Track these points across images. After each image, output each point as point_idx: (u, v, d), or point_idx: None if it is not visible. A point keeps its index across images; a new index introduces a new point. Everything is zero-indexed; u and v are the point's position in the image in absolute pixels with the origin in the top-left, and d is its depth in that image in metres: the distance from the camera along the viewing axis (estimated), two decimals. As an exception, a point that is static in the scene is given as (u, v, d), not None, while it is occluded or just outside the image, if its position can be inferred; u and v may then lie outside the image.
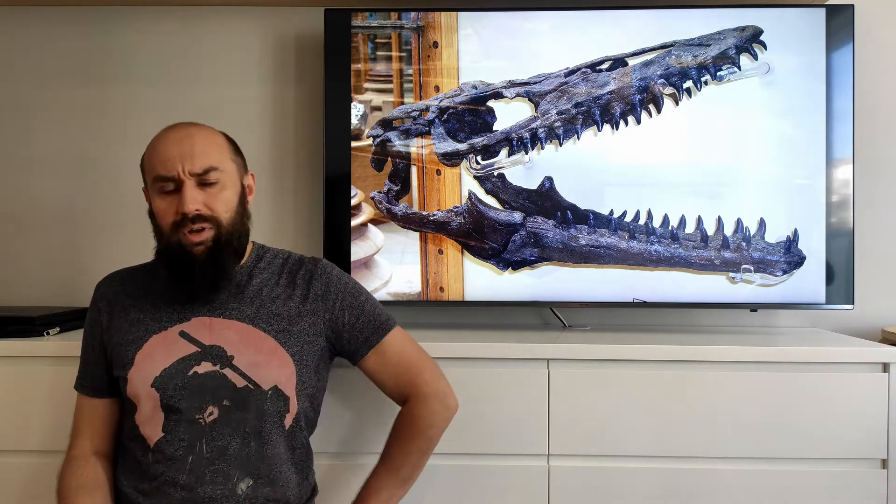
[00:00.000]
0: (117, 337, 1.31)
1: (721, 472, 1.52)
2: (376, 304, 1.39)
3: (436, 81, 1.81)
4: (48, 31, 2.00)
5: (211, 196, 1.26)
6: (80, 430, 1.35)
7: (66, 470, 1.30)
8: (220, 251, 1.26)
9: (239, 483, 1.26)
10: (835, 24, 1.76)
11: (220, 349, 1.28)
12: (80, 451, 1.32)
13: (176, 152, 1.25)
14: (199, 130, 1.30)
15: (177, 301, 1.31)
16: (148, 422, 1.26)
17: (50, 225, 2.00)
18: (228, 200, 1.28)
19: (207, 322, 1.29)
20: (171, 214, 1.25)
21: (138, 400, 1.27)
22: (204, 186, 1.26)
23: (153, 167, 1.27)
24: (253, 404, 1.27)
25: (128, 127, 1.99)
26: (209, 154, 1.26)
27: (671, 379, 1.52)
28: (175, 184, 1.25)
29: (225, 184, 1.28)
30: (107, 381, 1.34)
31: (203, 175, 1.25)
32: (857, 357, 1.52)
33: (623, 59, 1.78)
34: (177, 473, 1.24)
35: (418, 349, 1.40)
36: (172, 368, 1.27)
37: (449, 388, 1.38)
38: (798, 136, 1.76)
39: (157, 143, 1.28)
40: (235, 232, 1.29)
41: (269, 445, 1.28)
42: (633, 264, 1.79)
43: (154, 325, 1.30)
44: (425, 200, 1.81)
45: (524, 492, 1.53)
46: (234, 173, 1.31)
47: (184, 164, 1.24)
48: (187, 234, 1.24)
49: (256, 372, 1.27)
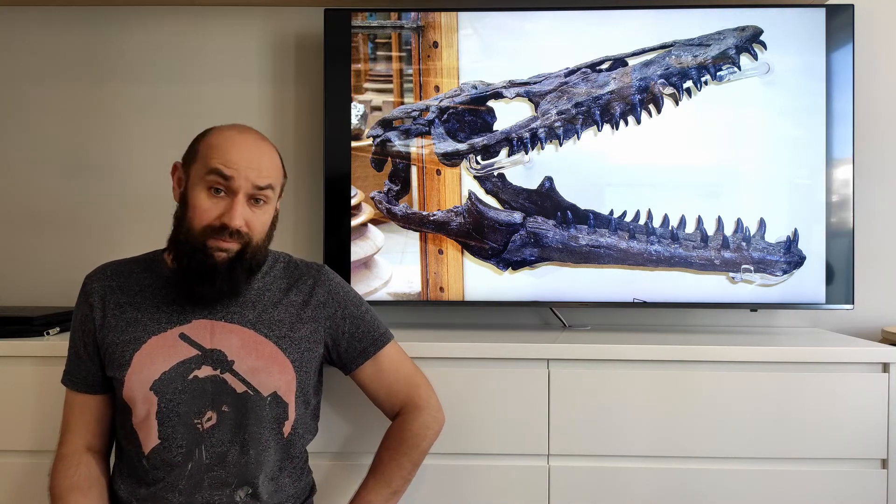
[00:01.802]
0: (112, 336, 1.27)
1: (721, 472, 1.52)
2: (375, 317, 1.39)
3: (436, 81, 1.81)
4: (48, 31, 2.00)
5: (255, 215, 1.24)
6: (70, 426, 1.31)
7: (57, 468, 1.27)
8: (240, 262, 1.24)
9: (237, 491, 1.24)
10: (835, 24, 1.76)
11: (220, 353, 1.26)
12: (71, 447, 1.29)
13: (245, 157, 1.22)
14: (268, 145, 1.28)
15: (176, 300, 1.28)
16: (144, 426, 1.24)
17: (50, 225, 2.00)
18: (265, 223, 1.28)
19: (208, 325, 1.27)
20: (210, 217, 1.22)
21: (134, 403, 1.24)
22: (252, 203, 1.24)
23: (212, 158, 1.22)
24: (252, 411, 1.25)
25: (128, 127, 2.00)
26: (272, 171, 1.26)
27: (671, 379, 1.52)
28: (229, 187, 1.22)
29: (270, 206, 1.27)
30: (100, 378, 1.30)
31: (260, 191, 1.24)
32: (857, 357, 1.52)
33: (623, 59, 1.78)
34: (176, 480, 1.23)
35: (413, 364, 1.40)
36: (172, 372, 1.24)
37: (439, 403, 1.39)
38: (798, 136, 1.76)
39: (224, 138, 1.24)
40: (259, 251, 1.27)
41: (268, 452, 1.27)
42: (633, 264, 1.78)
43: (153, 325, 1.26)
44: (425, 200, 1.81)
45: (524, 492, 1.53)
46: (276, 196, 1.30)
47: (248, 174, 1.22)
48: (217, 239, 1.22)
49: (256, 378, 1.26)
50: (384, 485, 1.32)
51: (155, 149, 1.98)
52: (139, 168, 1.99)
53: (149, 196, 1.98)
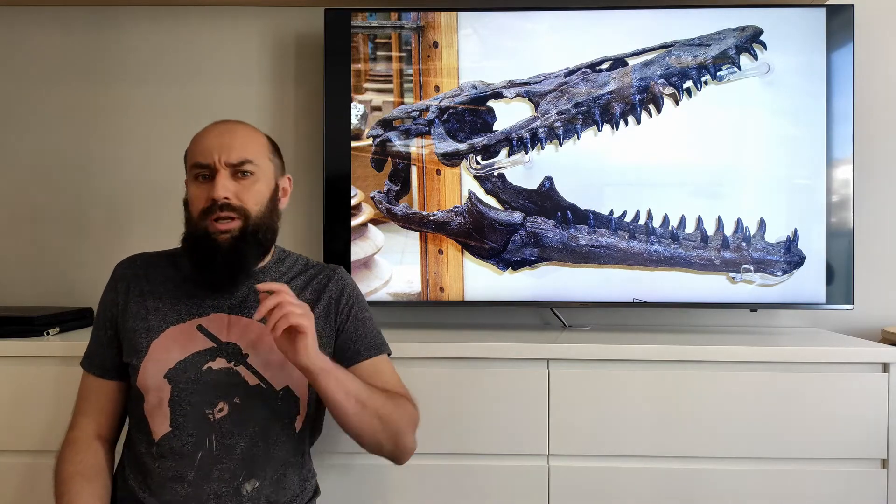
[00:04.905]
0: (132, 322, 1.30)
1: (721, 472, 1.52)
2: (377, 328, 1.39)
3: (436, 81, 1.81)
4: (48, 31, 2.00)
5: (243, 188, 1.27)
6: (83, 410, 1.33)
7: (65, 453, 1.28)
8: (244, 241, 1.27)
9: (244, 483, 1.25)
10: (835, 24, 1.76)
11: (235, 346, 1.28)
12: (81, 432, 1.30)
13: (216, 143, 1.28)
14: (242, 126, 1.33)
15: (196, 294, 1.31)
16: (155, 414, 1.26)
17: (50, 225, 2.00)
18: (260, 194, 1.30)
19: (226, 319, 1.29)
20: (202, 201, 1.27)
21: (147, 391, 1.26)
22: (238, 178, 1.28)
23: (193, 155, 1.30)
24: (264, 404, 1.27)
25: (127, 127, 2.00)
26: (247, 147, 1.29)
27: (671, 379, 1.52)
28: (210, 172, 1.27)
29: (258, 178, 1.29)
30: (116, 364, 1.32)
31: (238, 166, 1.27)
32: (857, 357, 1.52)
33: (623, 59, 1.78)
34: (185, 469, 1.24)
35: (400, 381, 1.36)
36: (187, 362, 1.26)
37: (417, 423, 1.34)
38: (798, 136, 1.76)
39: (199, 134, 1.31)
40: (262, 225, 1.29)
41: (277, 447, 1.28)
42: (633, 264, 1.78)
43: (172, 315, 1.30)
44: (425, 200, 1.81)
45: (524, 492, 1.53)
46: (269, 171, 1.32)
47: (221, 154, 1.26)
48: (214, 221, 1.25)
49: (269, 372, 1.27)
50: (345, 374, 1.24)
51: (155, 149, 1.98)
52: (139, 168, 1.99)
53: (149, 196, 1.98)
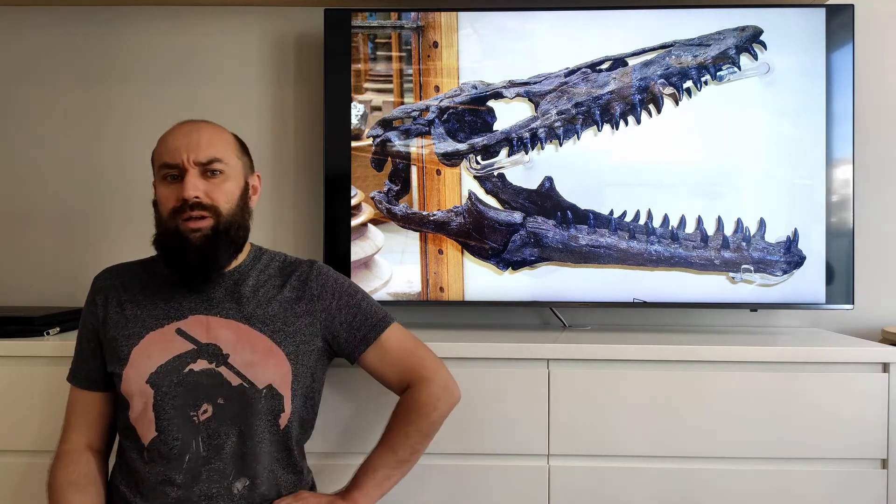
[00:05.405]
0: (113, 332, 1.31)
1: (721, 472, 1.52)
2: (373, 302, 1.40)
3: (436, 81, 1.81)
4: (48, 31, 2.00)
5: (213, 186, 1.28)
6: (72, 423, 1.34)
7: (57, 465, 1.30)
8: (216, 239, 1.27)
9: (234, 482, 1.26)
10: (835, 24, 1.76)
11: (215, 347, 1.28)
12: (72, 445, 1.32)
13: (183, 142, 1.28)
14: (208, 125, 1.34)
15: (173, 298, 1.32)
16: (141, 420, 1.26)
17: (50, 225, 2.00)
18: (230, 192, 1.30)
19: (204, 320, 1.30)
20: (172, 201, 1.27)
21: (131, 397, 1.27)
22: (207, 177, 1.28)
23: (160, 156, 1.30)
24: (247, 403, 1.27)
25: (128, 127, 2.00)
26: (214, 146, 1.29)
27: (671, 379, 1.52)
28: (179, 171, 1.27)
29: (228, 176, 1.30)
30: (102, 375, 1.33)
31: (207, 165, 1.27)
32: (857, 357, 1.52)
33: (623, 59, 1.78)
34: (173, 472, 1.25)
35: (418, 342, 1.40)
36: (168, 365, 1.27)
37: (451, 377, 1.38)
38: (798, 136, 1.76)
39: (166, 135, 1.32)
40: (234, 223, 1.30)
41: (264, 444, 1.28)
42: (633, 264, 1.78)
43: (150, 321, 1.30)
44: (425, 200, 1.81)
45: (524, 492, 1.53)
46: (238, 169, 1.33)
47: (189, 154, 1.27)
48: (185, 221, 1.26)
49: (251, 371, 1.28)
50: (390, 453, 1.32)
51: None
52: (139, 168, 1.98)
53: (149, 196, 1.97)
